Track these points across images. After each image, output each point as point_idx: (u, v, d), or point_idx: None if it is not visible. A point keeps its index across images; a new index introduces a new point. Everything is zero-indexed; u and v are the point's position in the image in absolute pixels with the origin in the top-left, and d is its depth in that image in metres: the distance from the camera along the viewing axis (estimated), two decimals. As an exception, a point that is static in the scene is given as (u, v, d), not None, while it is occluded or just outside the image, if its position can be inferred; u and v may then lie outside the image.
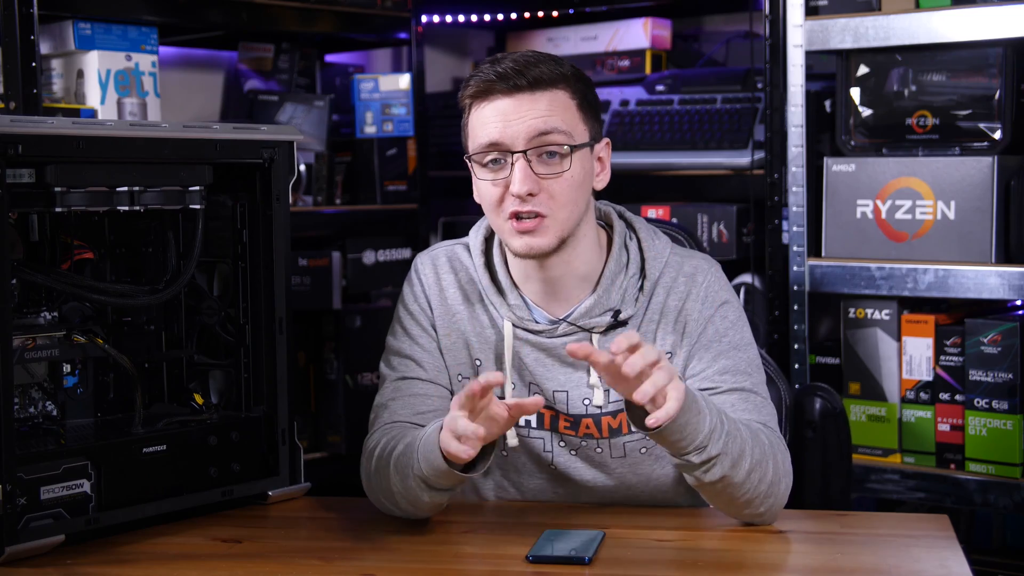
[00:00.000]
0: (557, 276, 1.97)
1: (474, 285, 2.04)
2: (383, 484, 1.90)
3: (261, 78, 3.30)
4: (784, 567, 1.72)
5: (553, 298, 1.99)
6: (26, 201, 1.84)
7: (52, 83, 2.76)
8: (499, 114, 1.90)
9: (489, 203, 1.94)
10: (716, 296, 1.99)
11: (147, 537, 1.88)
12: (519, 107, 1.89)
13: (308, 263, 3.12)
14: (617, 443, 1.99)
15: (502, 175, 1.91)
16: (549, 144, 1.89)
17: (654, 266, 2.00)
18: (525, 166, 1.89)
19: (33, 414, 2.00)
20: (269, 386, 2.07)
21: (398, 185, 3.32)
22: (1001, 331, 2.65)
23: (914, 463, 2.79)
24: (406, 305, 2.07)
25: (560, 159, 1.90)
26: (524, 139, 1.89)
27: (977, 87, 2.71)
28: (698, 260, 2.03)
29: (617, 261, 2.00)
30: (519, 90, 1.89)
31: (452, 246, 2.10)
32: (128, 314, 2.09)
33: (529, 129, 1.88)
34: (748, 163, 3.06)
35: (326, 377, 3.16)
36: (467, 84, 1.94)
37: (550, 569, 1.70)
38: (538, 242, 1.91)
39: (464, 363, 2.02)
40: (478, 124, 1.93)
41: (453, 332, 2.03)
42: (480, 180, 1.94)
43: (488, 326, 2.02)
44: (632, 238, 2.04)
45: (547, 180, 1.89)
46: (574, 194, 1.92)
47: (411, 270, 2.09)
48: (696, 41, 3.58)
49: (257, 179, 2.06)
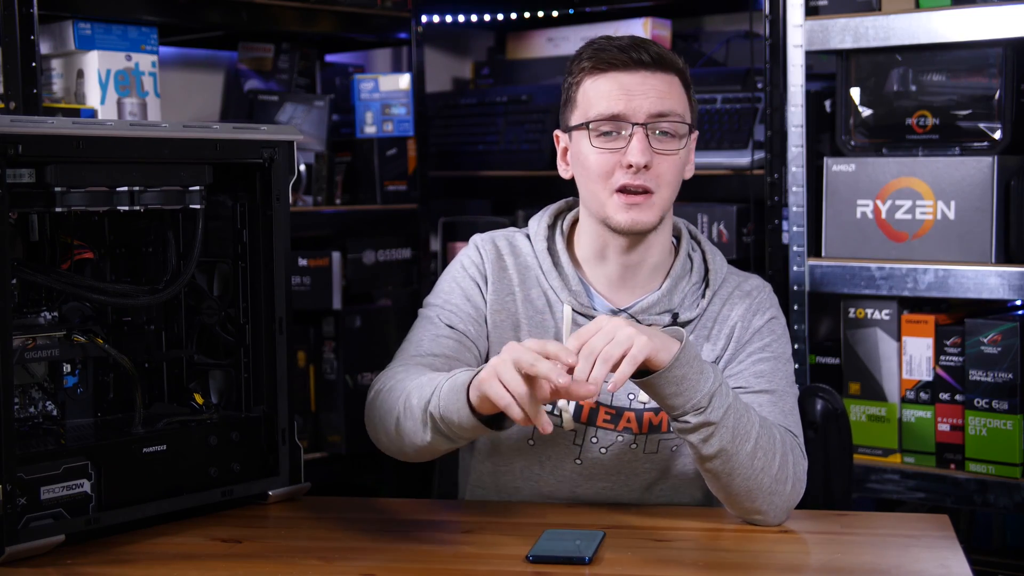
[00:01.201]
0: (635, 262, 2.00)
1: (530, 271, 2.04)
2: (388, 403, 1.88)
3: (261, 78, 3.30)
4: (784, 567, 1.72)
5: (620, 286, 2.01)
6: (26, 201, 1.84)
7: (52, 83, 2.76)
8: (621, 87, 1.94)
9: (597, 173, 1.95)
10: (767, 310, 2.04)
11: (147, 537, 1.88)
12: (642, 82, 1.94)
13: (308, 263, 3.12)
14: (653, 439, 2.00)
15: (615, 145, 1.93)
16: (669, 120, 1.93)
17: (716, 277, 2.04)
18: (644, 138, 1.92)
19: (33, 414, 2.00)
20: (269, 386, 2.07)
21: (398, 185, 3.32)
22: (1001, 331, 2.65)
23: (914, 463, 2.79)
24: (464, 267, 2.06)
25: (672, 139, 1.94)
26: (646, 113, 1.92)
27: (977, 87, 2.71)
28: (756, 280, 2.09)
29: (683, 265, 2.04)
30: (643, 66, 1.94)
31: (511, 232, 2.11)
32: (128, 314, 2.09)
33: (652, 104, 1.93)
34: (748, 163, 3.06)
35: (326, 377, 3.15)
36: (581, 56, 1.97)
37: (550, 569, 1.70)
38: (644, 217, 1.94)
39: (510, 342, 2.02)
40: (596, 95, 1.95)
41: (504, 311, 2.03)
42: (591, 149, 1.95)
43: (543, 310, 2.02)
44: (696, 249, 2.08)
45: (659, 156, 1.93)
46: (677, 176, 1.97)
47: (470, 245, 2.09)
48: (696, 41, 3.58)
49: (257, 179, 2.06)
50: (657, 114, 1.93)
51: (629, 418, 1.99)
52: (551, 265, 2.03)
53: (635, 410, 1.99)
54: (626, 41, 1.95)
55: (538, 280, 2.03)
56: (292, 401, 2.09)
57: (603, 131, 1.94)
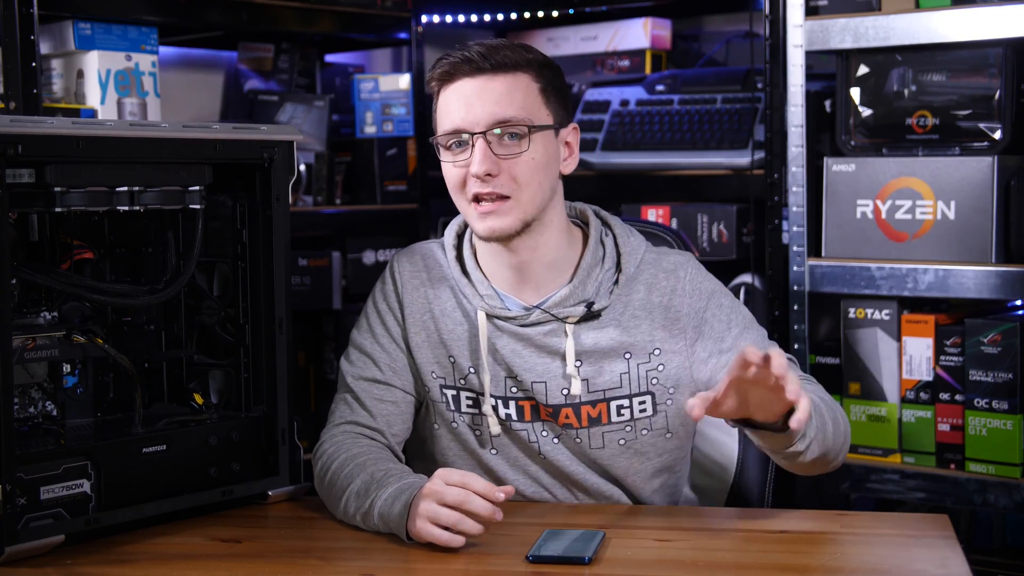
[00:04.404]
0: (525, 262, 1.99)
1: (447, 283, 2.05)
2: (332, 499, 1.94)
3: (261, 78, 3.30)
4: (784, 567, 1.72)
5: (523, 286, 2.01)
6: (26, 201, 1.84)
7: (52, 83, 2.76)
8: (462, 98, 1.94)
9: (453, 185, 1.98)
10: (702, 287, 2.02)
11: (147, 537, 1.88)
12: (480, 90, 1.93)
13: (308, 263, 3.12)
14: (596, 433, 2.00)
15: (463, 157, 1.94)
16: (508, 125, 1.92)
17: (630, 261, 2.02)
18: (484, 147, 1.92)
19: (33, 414, 2.00)
20: (269, 386, 2.07)
21: (398, 185, 3.32)
22: (1001, 331, 2.65)
23: (914, 463, 2.79)
24: (375, 303, 2.09)
25: (520, 140, 1.93)
26: (485, 122, 1.92)
27: (977, 87, 2.71)
28: (675, 256, 2.06)
29: (594, 254, 2.02)
30: (481, 72, 1.93)
31: (428, 244, 2.12)
32: (128, 314, 2.09)
33: (488, 110, 1.92)
34: (748, 163, 3.06)
35: (326, 377, 3.16)
36: (434, 67, 1.98)
37: (550, 569, 1.70)
38: (500, 223, 1.94)
39: (438, 361, 2.04)
40: (443, 110, 1.97)
41: (424, 330, 2.04)
42: (445, 163, 1.98)
43: (461, 321, 2.03)
44: (608, 235, 2.06)
45: (507, 161, 1.92)
46: (537, 176, 1.94)
47: (386, 268, 2.11)
48: (696, 41, 3.58)
49: (257, 179, 2.06)
50: (498, 121, 1.92)
51: (567, 414, 2.00)
52: (460, 273, 2.04)
53: (571, 405, 1.99)
54: (474, 49, 1.95)
55: (453, 291, 2.05)
56: (292, 401, 2.09)
57: (450, 144, 1.96)
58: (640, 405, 2.00)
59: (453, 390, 2.03)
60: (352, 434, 2.02)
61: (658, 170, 3.25)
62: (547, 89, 1.97)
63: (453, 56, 1.95)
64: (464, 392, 2.02)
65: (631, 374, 1.99)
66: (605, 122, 3.33)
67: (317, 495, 2.03)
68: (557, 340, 1.98)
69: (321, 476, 1.98)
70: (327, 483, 1.96)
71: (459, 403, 2.03)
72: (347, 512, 1.89)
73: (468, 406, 2.02)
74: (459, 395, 2.03)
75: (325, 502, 1.98)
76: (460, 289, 2.03)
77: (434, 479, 1.78)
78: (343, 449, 1.97)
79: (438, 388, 2.04)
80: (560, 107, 1.99)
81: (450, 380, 2.03)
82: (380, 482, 1.86)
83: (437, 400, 2.04)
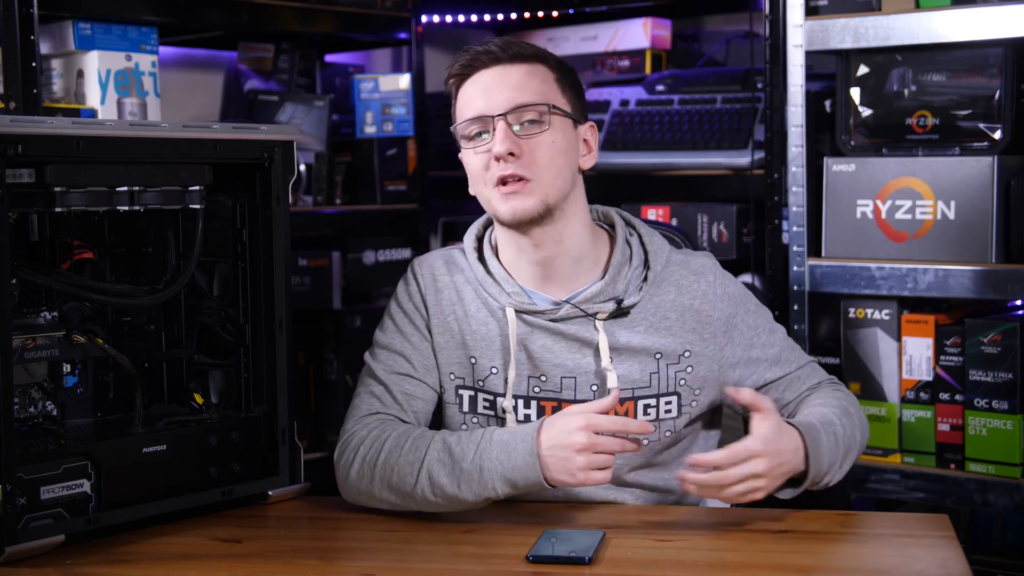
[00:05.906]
0: (550, 257, 2.00)
1: (470, 285, 2.05)
2: (397, 476, 1.89)
3: (261, 78, 3.30)
4: (784, 567, 1.72)
5: (548, 282, 2.02)
6: (26, 201, 1.84)
7: (52, 83, 2.76)
8: (481, 87, 1.97)
9: (476, 174, 1.99)
10: (731, 292, 2.06)
11: (147, 537, 1.88)
12: (499, 77, 1.97)
13: (308, 263, 3.12)
14: None
15: (486, 143, 1.96)
16: (526, 108, 1.95)
17: (657, 259, 2.04)
18: (505, 127, 1.94)
19: (33, 414, 2.00)
20: (269, 386, 2.07)
21: (398, 185, 3.32)
22: (1001, 331, 2.65)
23: (914, 463, 2.79)
24: (400, 304, 2.08)
25: (539, 124, 1.95)
26: (503, 105, 1.95)
27: (977, 87, 2.71)
28: (700, 258, 2.08)
29: (623, 252, 2.03)
30: (499, 62, 1.97)
31: (448, 250, 2.13)
32: (128, 314, 2.09)
33: (507, 95, 1.95)
34: (748, 163, 3.06)
35: (326, 377, 3.16)
36: (451, 65, 2.01)
37: (550, 569, 1.70)
38: (522, 204, 1.94)
39: (459, 362, 2.03)
40: (463, 101, 1.99)
41: (448, 331, 2.04)
42: (468, 153, 2.00)
43: (486, 321, 2.02)
44: (633, 234, 2.08)
45: (527, 141, 1.94)
46: (557, 160, 1.96)
47: (407, 271, 2.11)
48: (696, 41, 3.58)
49: (257, 179, 2.06)
50: (517, 105, 1.95)
51: None
52: (484, 273, 2.04)
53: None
54: (491, 43, 1.99)
55: (477, 292, 2.04)
56: (292, 401, 2.09)
57: (473, 134, 1.98)
58: (666, 405, 2.01)
59: (471, 391, 2.03)
60: (388, 420, 1.99)
61: (658, 170, 3.25)
62: (563, 80, 2.01)
63: (470, 51, 1.98)
64: (482, 394, 2.02)
65: (660, 374, 2.00)
66: (605, 122, 3.33)
67: (317, 495, 2.03)
68: (589, 335, 1.99)
69: (370, 461, 1.92)
70: (380, 464, 1.91)
71: (475, 405, 2.03)
72: (427, 482, 1.86)
73: (485, 407, 2.02)
74: (476, 396, 2.03)
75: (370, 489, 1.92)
76: (485, 288, 2.03)
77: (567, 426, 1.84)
78: (387, 429, 1.95)
79: (454, 389, 2.04)
80: (577, 102, 2.03)
81: (468, 381, 2.03)
82: (471, 440, 1.88)
83: (450, 402, 2.04)
